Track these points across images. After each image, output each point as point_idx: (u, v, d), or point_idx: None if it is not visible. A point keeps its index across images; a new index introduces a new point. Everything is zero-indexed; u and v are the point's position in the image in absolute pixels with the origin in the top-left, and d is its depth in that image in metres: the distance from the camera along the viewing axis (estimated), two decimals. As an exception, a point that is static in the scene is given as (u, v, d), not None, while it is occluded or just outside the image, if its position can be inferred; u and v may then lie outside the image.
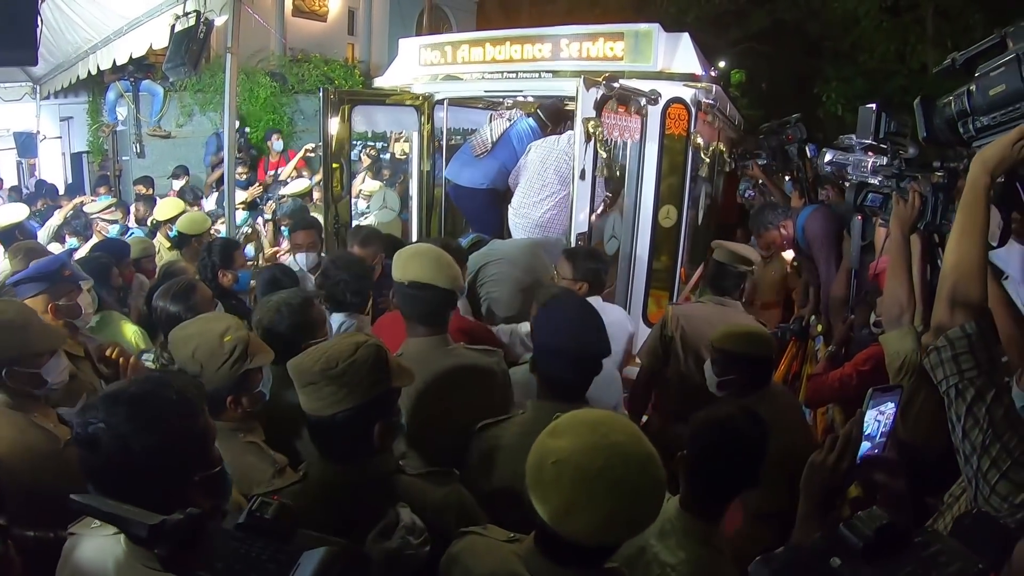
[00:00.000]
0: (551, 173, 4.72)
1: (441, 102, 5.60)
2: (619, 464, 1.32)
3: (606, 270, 3.51)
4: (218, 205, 7.67)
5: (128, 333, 3.47)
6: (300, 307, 2.59)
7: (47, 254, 4.18)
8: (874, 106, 2.23)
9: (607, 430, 1.37)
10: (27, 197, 8.40)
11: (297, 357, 1.78)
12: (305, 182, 7.98)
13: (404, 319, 2.49)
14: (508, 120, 5.35)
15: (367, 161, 8.83)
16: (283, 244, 6.23)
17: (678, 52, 4.55)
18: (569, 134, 4.52)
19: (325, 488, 1.72)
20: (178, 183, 9.13)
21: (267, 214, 7.29)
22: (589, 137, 3.77)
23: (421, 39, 5.83)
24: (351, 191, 5.67)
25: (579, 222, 3.92)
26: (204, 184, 9.29)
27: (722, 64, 17.95)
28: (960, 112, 1.66)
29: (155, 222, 5.88)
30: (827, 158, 2.44)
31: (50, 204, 7.85)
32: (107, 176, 10.47)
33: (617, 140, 4.30)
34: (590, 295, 3.20)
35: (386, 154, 9.57)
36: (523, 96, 5.77)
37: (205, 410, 1.47)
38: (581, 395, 2.18)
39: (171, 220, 5.66)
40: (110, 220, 6.44)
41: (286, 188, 8.04)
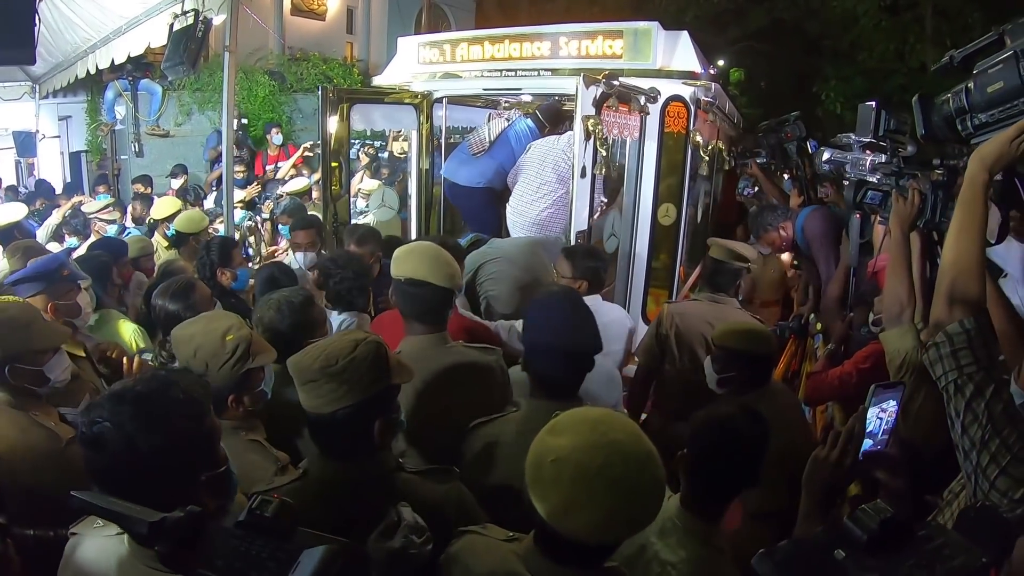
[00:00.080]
0: (550, 172, 4.71)
1: (440, 100, 5.60)
2: (619, 462, 1.31)
3: (605, 268, 3.51)
4: (216, 204, 7.67)
5: (127, 332, 3.47)
6: (301, 305, 2.59)
7: (45, 253, 4.17)
8: (874, 104, 2.24)
9: (607, 428, 1.37)
10: (25, 197, 8.36)
11: (297, 355, 1.77)
12: (304, 180, 7.97)
13: (402, 317, 2.49)
14: (506, 120, 5.34)
15: (365, 160, 8.81)
16: (281, 243, 6.22)
17: (677, 50, 4.54)
18: (570, 134, 4.52)
19: (325, 485, 1.71)
20: (176, 182, 9.12)
21: (265, 213, 7.28)
22: (589, 135, 3.77)
23: (420, 37, 5.82)
24: (350, 190, 5.67)
25: (579, 220, 3.92)
26: (204, 182, 9.27)
27: (721, 62, 17.97)
28: (958, 109, 1.66)
29: (152, 221, 5.88)
30: (825, 156, 2.45)
31: (48, 203, 7.83)
32: (106, 175, 10.45)
33: (617, 138, 4.30)
34: (589, 293, 3.21)
35: (384, 152, 9.55)
36: (522, 94, 5.78)
37: (211, 409, 1.47)
38: (573, 392, 2.17)
39: (168, 218, 5.67)
40: (108, 220, 6.43)
41: (285, 186, 8.02)
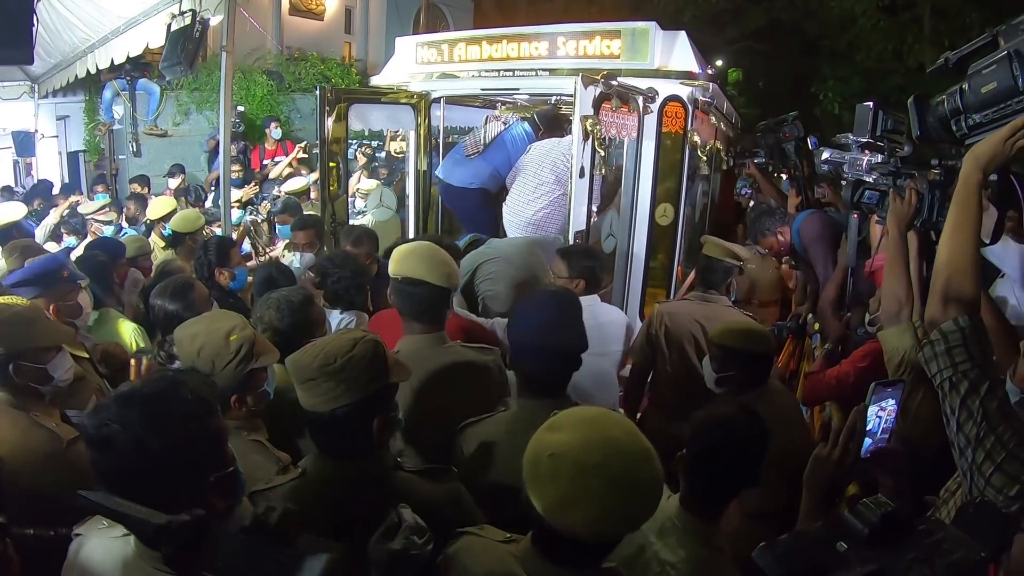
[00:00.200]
0: (548, 173, 4.72)
1: (438, 100, 5.60)
2: (617, 458, 1.32)
3: (602, 267, 3.51)
4: (214, 204, 7.66)
5: (127, 331, 3.46)
6: (300, 305, 2.59)
7: (43, 252, 4.17)
8: (871, 104, 2.25)
9: (605, 426, 1.38)
10: (23, 196, 8.33)
11: (295, 354, 1.77)
12: (303, 180, 7.96)
13: (400, 316, 2.49)
14: (503, 123, 5.34)
15: (363, 159, 8.81)
16: (278, 243, 6.22)
17: (675, 50, 4.55)
18: (570, 137, 4.53)
19: (323, 484, 1.72)
20: (174, 181, 9.09)
21: (262, 213, 7.27)
22: (587, 135, 3.77)
23: (417, 37, 5.82)
24: (348, 189, 5.67)
25: (577, 220, 3.92)
26: (204, 182, 9.25)
27: (719, 63, 17.98)
28: (953, 110, 1.67)
29: (149, 221, 5.87)
30: (824, 156, 2.45)
31: (46, 203, 7.81)
32: (104, 175, 10.43)
33: (615, 138, 4.30)
34: (586, 293, 3.21)
35: (381, 152, 9.54)
36: (520, 94, 5.77)
37: (219, 409, 1.46)
38: (560, 391, 2.17)
39: (164, 218, 5.65)
40: (104, 221, 6.41)
41: (284, 186, 8.02)
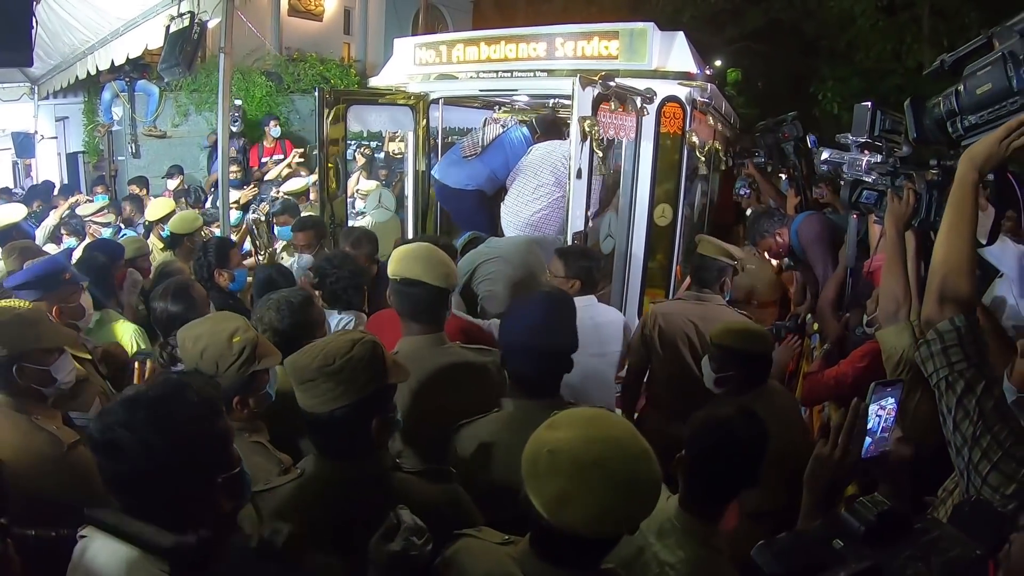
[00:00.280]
0: (547, 174, 4.71)
1: (436, 101, 5.60)
2: (615, 456, 1.33)
3: (598, 268, 3.50)
4: (213, 205, 7.66)
5: (127, 332, 3.45)
6: (300, 305, 2.60)
7: (42, 253, 4.17)
8: (869, 104, 2.25)
9: (604, 424, 1.39)
10: (23, 198, 8.30)
11: (294, 355, 1.78)
12: (302, 181, 7.96)
13: (399, 317, 2.49)
14: (502, 126, 5.35)
15: (362, 160, 8.80)
16: (277, 244, 6.21)
17: (673, 51, 4.55)
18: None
19: (322, 485, 1.72)
20: (172, 182, 9.11)
21: (261, 215, 7.26)
22: (585, 136, 3.77)
23: (416, 38, 5.83)
24: (347, 190, 5.67)
25: (575, 221, 3.92)
26: (205, 184, 9.24)
27: (718, 63, 18.00)
28: (949, 112, 1.67)
29: (147, 223, 5.86)
30: (824, 156, 2.45)
31: (45, 205, 7.80)
32: (104, 176, 10.43)
33: (614, 139, 4.30)
34: (582, 293, 3.20)
35: (380, 153, 9.54)
36: (518, 95, 5.77)
37: (224, 411, 1.47)
38: (552, 391, 2.17)
39: (163, 220, 5.64)
40: (102, 223, 6.40)
41: (283, 186, 8.02)
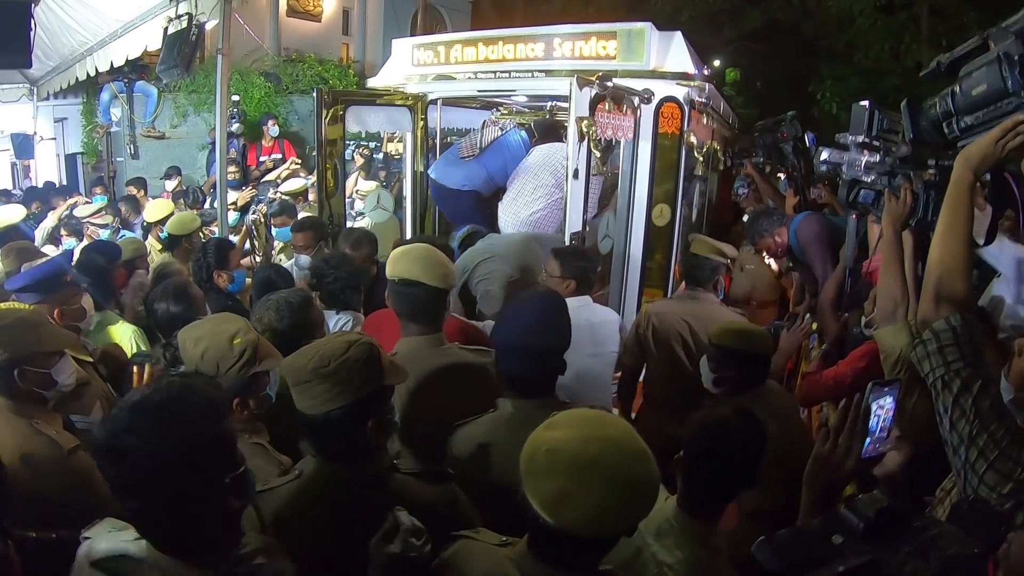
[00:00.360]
0: (548, 175, 4.72)
1: (434, 102, 5.60)
2: (613, 455, 1.33)
3: (594, 268, 3.50)
4: (211, 206, 7.65)
5: (126, 333, 3.43)
6: (299, 306, 2.60)
7: (40, 255, 4.17)
8: (867, 104, 2.25)
9: (602, 424, 1.40)
10: (21, 199, 8.29)
11: (290, 356, 1.78)
12: (300, 181, 7.96)
13: (398, 318, 2.49)
14: (500, 129, 5.36)
15: (360, 161, 8.79)
16: (274, 245, 6.21)
17: (671, 51, 4.56)
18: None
19: (320, 485, 1.72)
20: (171, 184, 9.11)
21: (259, 216, 7.25)
22: (583, 137, 3.77)
23: (414, 39, 5.84)
24: (345, 191, 5.67)
25: (573, 221, 3.92)
26: (204, 185, 9.24)
27: (717, 63, 17.98)
28: (945, 113, 1.68)
29: (146, 224, 5.85)
30: (823, 156, 2.45)
31: (43, 207, 7.79)
32: (103, 177, 10.43)
33: (612, 139, 4.30)
34: (578, 293, 3.19)
35: (379, 154, 9.53)
36: (516, 95, 5.78)
37: (228, 411, 1.47)
38: (546, 391, 2.17)
39: (161, 221, 5.62)
40: (100, 224, 6.38)
41: (281, 187, 8.01)
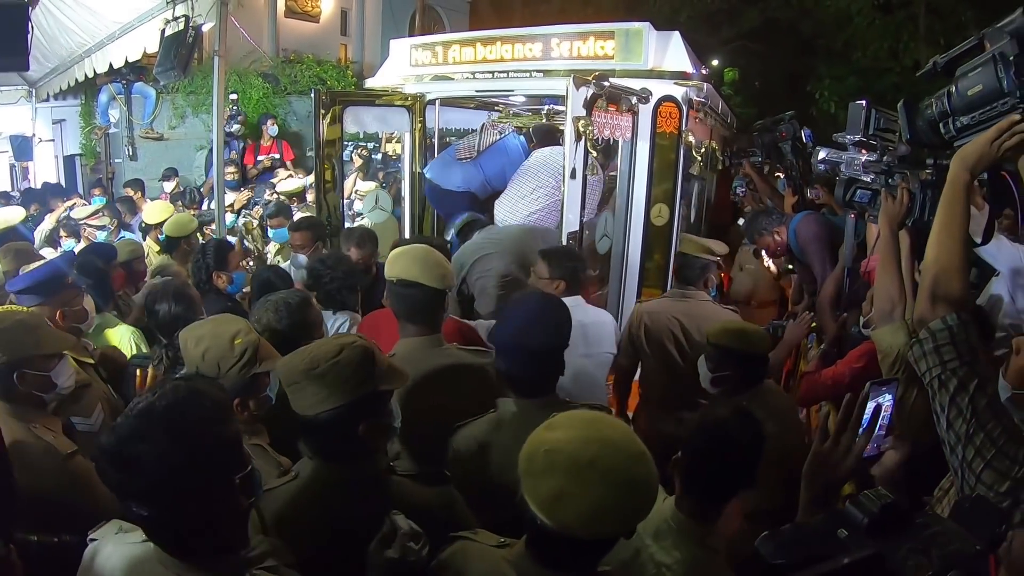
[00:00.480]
0: (548, 177, 4.72)
1: (433, 102, 5.60)
2: (612, 455, 1.33)
3: (584, 268, 3.49)
4: (209, 208, 7.65)
5: (124, 335, 3.42)
6: (298, 307, 2.61)
7: (38, 255, 4.17)
8: (863, 103, 2.25)
9: (601, 425, 1.40)
10: (20, 201, 8.29)
11: (286, 357, 1.79)
12: (298, 182, 7.96)
13: (396, 318, 2.49)
14: (499, 133, 5.37)
15: (359, 161, 8.79)
16: (270, 246, 6.21)
17: (669, 51, 4.56)
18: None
19: (317, 487, 1.72)
20: (169, 185, 9.11)
21: (255, 219, 7.26)
22: (579, 136, 3.77)
23: (412, 40, 5.84)
24: (343, 192, 5.67)
25: (570, 221, 3.92)
26: (203, 187, 9.25)
27: (715, 62, 18.00)
28: (941, 113, 1.68)
29: (144, 225, 5.85)
30: (821, 155, 2.45)
31: (42, 209, 7.79)
32: (101, 179, 10.43)
33: (610, 139, 4.30)
34: (568, 294, 3.16)
35: (377, 154, 9.54)
36: (514, 95, 5.77)
37: (233, 412, 1.47)
38: (546, 390, 2.17)
39: (160, 223, 5.62)
40: (97, 226, 6.38)
41: (278, 186, 8.02)
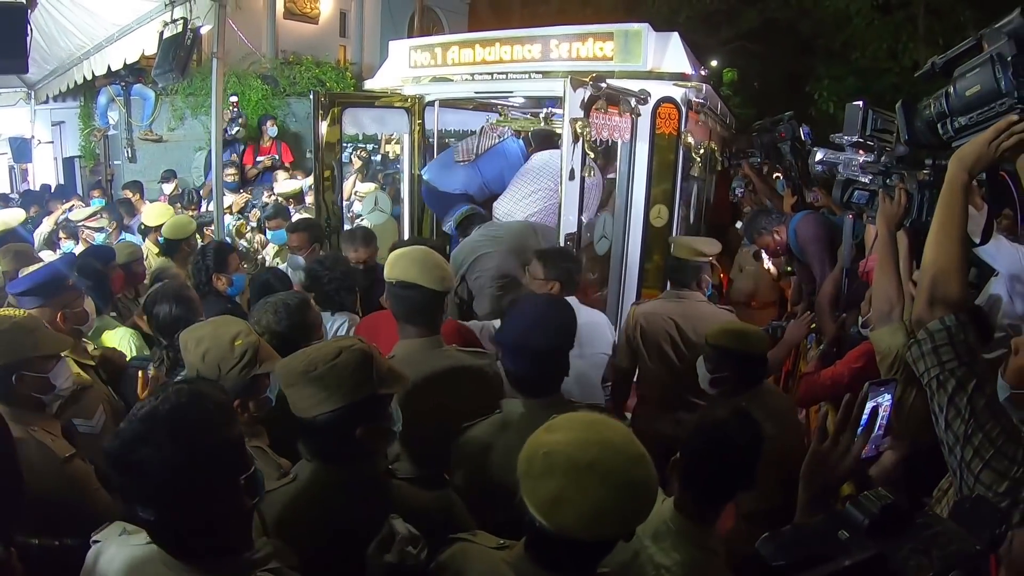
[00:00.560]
0: (547, 179, 4.73)
1: (432, 104, 5.60)
2: (611, 458, 1.33)
3: (579, 269, 3.49)
4: (207, 209, 7.66)
5: (123, 337, 3.43)
6: (297, 308, 2.60)
7: (38, 257, 4.17)
8: (860, 103, 2.25)
9: (601, 428, 1.39)
10: (19, 203, 8.30)
11: (285, 358, 1.79)
12: (296, 183, 7.96)
13: (395, 320, 2.49)
14: (498, 136, 5.38)
15: (358, 163, 8.79)
16: (268, 248, 6.21)
17: (668, 51, 4.56)
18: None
19: (315, 488, 1.72)
20: (168, 187, 9.12)
21: (252, 221, 7.26)
22: (577, 138, 3.77)
23: (411, 41, 5.84)
24: (343, 193, 5.67)
25: (568, 222, 3.92)
26: (203, 188, 9.25)
27: (714, 63, 17.99)
28: (939, 114, 1.68)
29: (143, 227, 5.86)
30: (818, 157, 2.45)
31: (40, 211, 7.79)
32: (100, 181, 10.44)
33: (608, 140, 4.31)
34: (563, 295, 3.16)
35: (377, 156, 9.54)
36: (514, 97, 5.78)
37: (236, 414, 1.48)
38: (550, 390, 2.17)
39: (160, 226, 5.61)
40: (95, 228, 6.38)
41: (276, 187, 8.02)
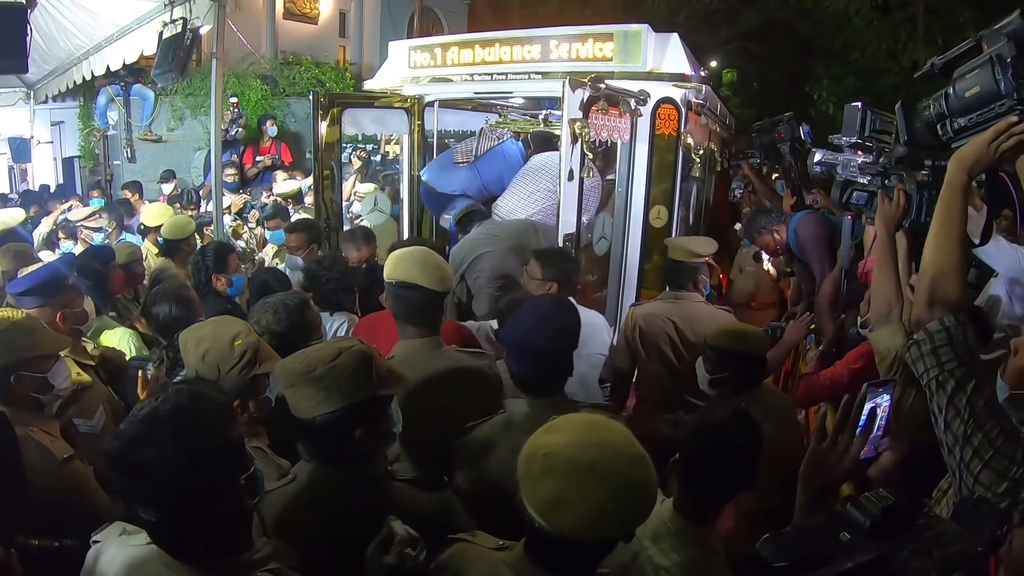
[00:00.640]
0: (546, 180, 4.74)
1: (431, 104, 5.60)
2: (611, 459, 1.33)
3: (576, 270, 3.50)
4: (206, 209, 7.66)
5: (124, 337, 3.43)
6: (297, 308, 2.61)
7: (37, 257, 4.17)
8: (859, 104, 2.25)
9: (601, 429, 1.39)
10: (18, 203, 8.29)
11: (286, 359, 1.79)
12: (294, 184, 7.96)
13: (395, 320, 2.49)
14: (498, 138, 5.38)
15: (358, 163, 8.80)
16: (267, 248, 6.22)
17: (667, 52, 4.56)
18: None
19: (314, 489, 1.71)
20: (167, 187, 9.12)
21: (251, 222, 7.26)
22: (575, 139, 3.77)
23: (410, 41, 5.84)
24: (342, 194, 5.68)
25: (567, 223, 3.92)
26: (203, 188, 9.26)
27: (713, 63, 17.99)
28: (938, 115, 1.68)
29: (143, 227, 5.86)
30: (817, 158, 2.45)
31: (40, 211, 7.79)
32: (100, 181, 10.43)
33: (607, 141, 4.31)
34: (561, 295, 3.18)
35: (376, 156, 9.54)
36: (513, 97, 5.78)
37: (236, 415, 1.48)
38: (553, 389, 2.17)
39: (159, 226, 5.61)
40: (94, 228, 6.38)
41: (275, 188, 8.01)
